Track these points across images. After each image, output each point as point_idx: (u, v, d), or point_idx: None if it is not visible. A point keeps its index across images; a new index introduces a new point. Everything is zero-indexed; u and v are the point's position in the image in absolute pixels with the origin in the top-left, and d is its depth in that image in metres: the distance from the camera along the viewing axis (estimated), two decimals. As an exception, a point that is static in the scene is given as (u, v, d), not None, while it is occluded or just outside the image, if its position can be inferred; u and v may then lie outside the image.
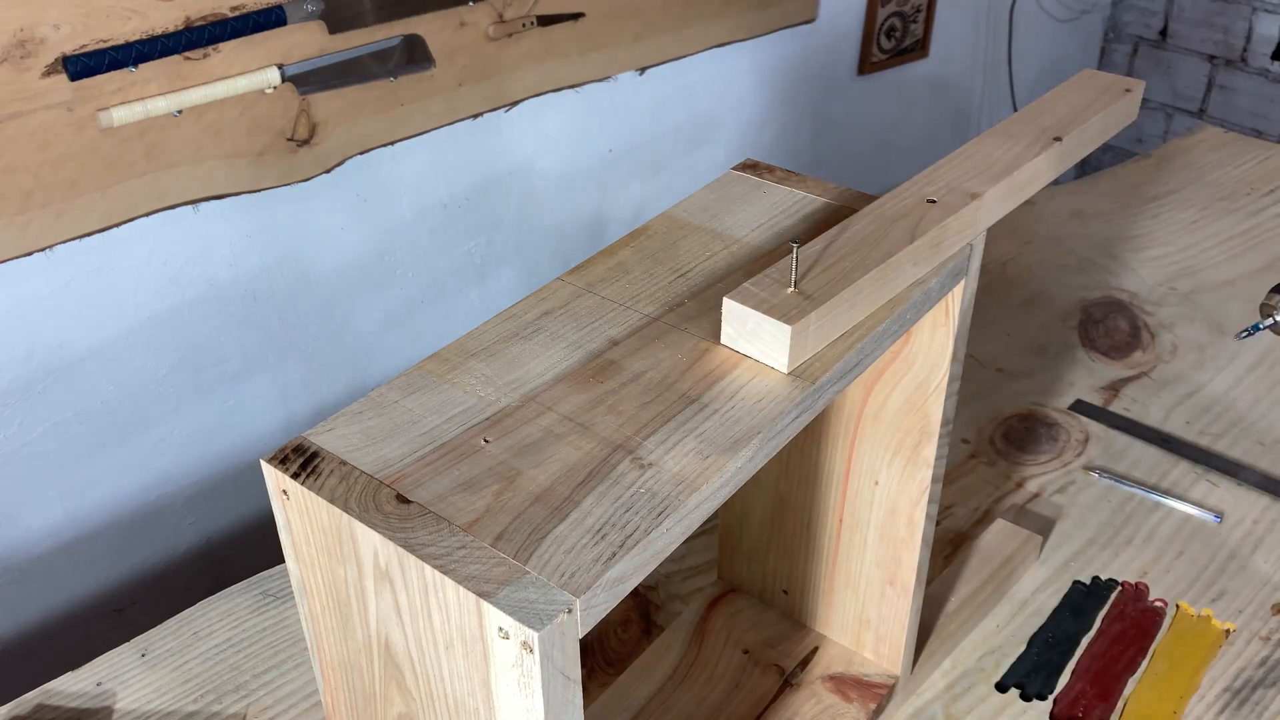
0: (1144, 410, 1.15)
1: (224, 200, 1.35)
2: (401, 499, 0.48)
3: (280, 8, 1.28)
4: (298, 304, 1.49)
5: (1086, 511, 1.03)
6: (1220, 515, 1.02)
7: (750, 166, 0.75)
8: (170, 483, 1.45)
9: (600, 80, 1.71)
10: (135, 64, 1.19)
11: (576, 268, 0.65)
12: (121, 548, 1.43)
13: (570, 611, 0.43)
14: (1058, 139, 0.71)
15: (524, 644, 0.42)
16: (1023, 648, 0.90)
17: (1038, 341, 1.26)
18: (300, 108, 1.35)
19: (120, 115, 1.19)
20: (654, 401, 0.54)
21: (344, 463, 0.50)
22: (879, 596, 0.80)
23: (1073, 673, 0.88)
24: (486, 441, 0.51)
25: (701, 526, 0.53)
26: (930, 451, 0.72)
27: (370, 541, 0.47)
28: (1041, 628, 0.92)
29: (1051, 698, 0.86)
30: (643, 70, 1.77)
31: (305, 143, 1.38)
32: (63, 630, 1.41)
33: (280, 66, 1.31)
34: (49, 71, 1.14)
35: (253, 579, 0.96)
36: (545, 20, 1.56)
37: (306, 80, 1.34)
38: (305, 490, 0.49)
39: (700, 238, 0.67)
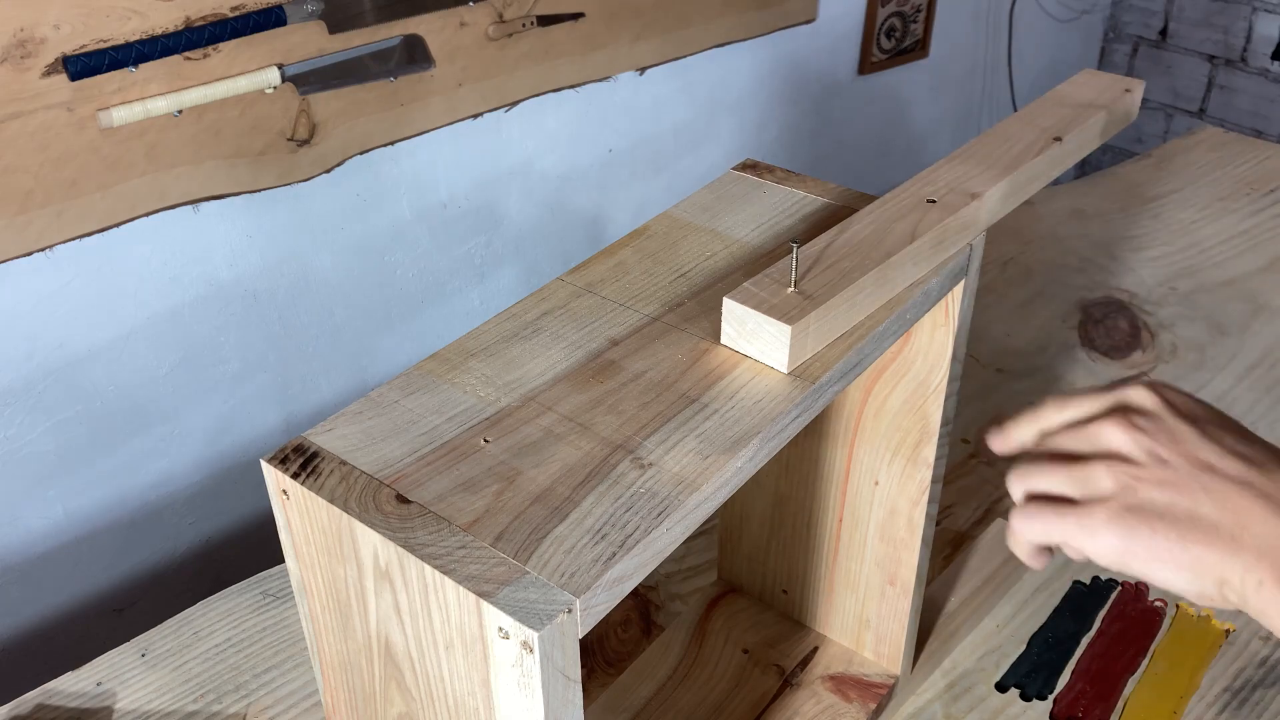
0: (1144, 410, 1.15)
1: (224, 200, 1.35)
2: (401, 499, 0.48)
3: (280, 8, 1.28)
4: (297, 304, 1.49)
5: (1086, 511, 1.03)
6: (1220, 515, 1.02)
7: (750, 166, 0.75)
8: (170, 483, 1.45)
9: (600, 80, 1.71)
10: (135, 64, 1.19)
11: (576, 268, 0.65)
12: (121, 548, 1.43)
13: (570, 611, 0.43)
14: (1058, 139, 0.71)
15: (524, 644, 0.42)
16: (1023, 648, 0.90)
17: (1038, 341, 1.26)
18: (300, 108, 1.35)
19: (120, 115, 1.19)
20: (654, 401, 0.54)
21: (344, 463, 0.50)
22: (879, 596, 0.80)
23: (1073, 673, 0.88)
24: (486, 441, 0.51)
25: (701, 526, 0.53)
26: (930, 451, 0.72)
27: (370, 541, 0.47)
28: (1041, 628, 0.92)
29: (1051, 698, 0.86)
30: (643, 70, 1.77)
31: (305, 143, 1.38)
32: (63, 630, 1.41)
33: (280, 66, 1.31)
34: (49, 71, 1.14)
35: (253, 579, 0.96)
36: (545, 20, 1.56)
37: (306, 80, 1.34)
38: (305, 490, 0.49)
39: (700, 238, 0.67)
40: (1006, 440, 0.57)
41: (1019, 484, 0.51)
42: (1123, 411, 0.50)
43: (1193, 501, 0.46)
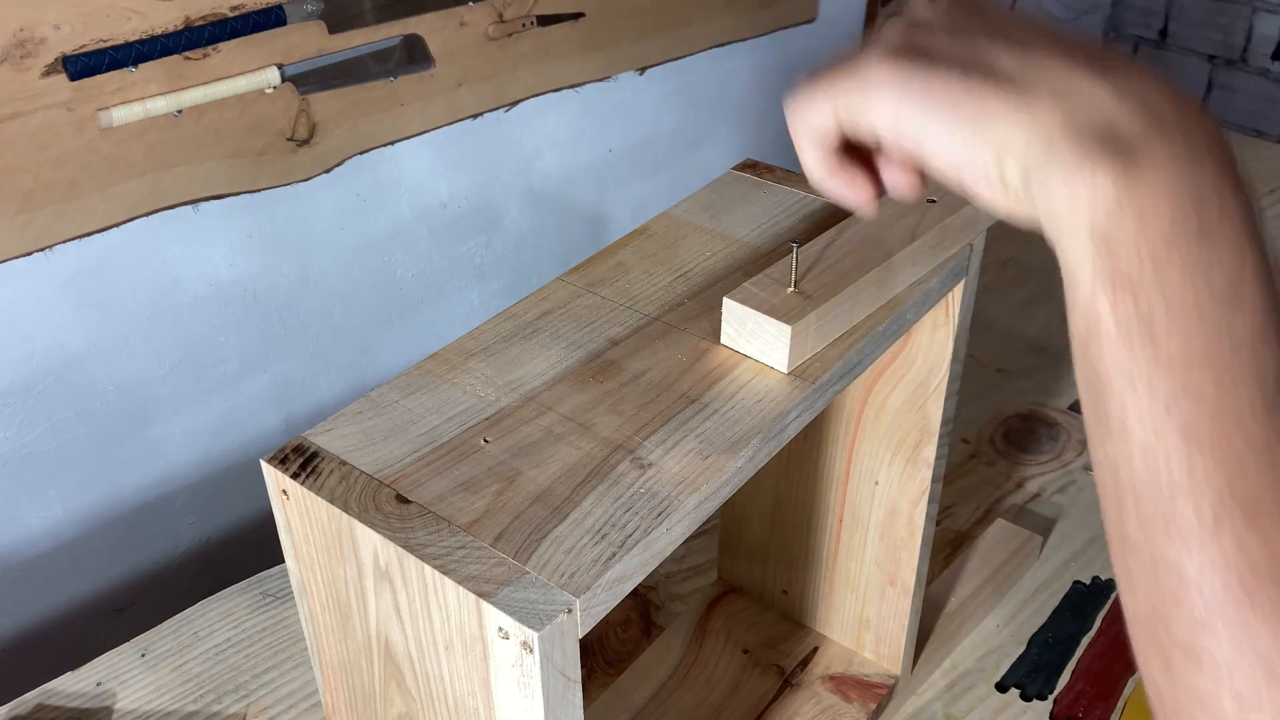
0: (1144, 410, 1.15)
1: (224, 200, 1.35)
2: (401, 499, 0.48)
3: (280, 8, 1.28)
4: (297, 304, 1.49)
5: (1086, 511, 1.03)
6: (1220, 515, 1.02)
7: (750, 166, 0.75)
8: (170, 483, 1.45)
9: (600, 80, 1.71)
10: (135, 64, 1.19)
11: (576, 268, 0.65)
12: (121, 548, 1.43)
13: (570, 611, 0.43)
14: (1058, 139, 0.71)
15: (524, 644, 0.42)
16: (1023, 648, 0.90)
17: (1038, 341, 1.26)
18: (300, 108, 1.35)
19: (120, 115, 1.19)
20: (654, 401, 0.54)
21: (344, 463, 0.50)
22: (879, 596, 0.80)
23: (1073, 673, 0.88)
24: (486, 441, 0.51)
25: (701, 526, 0.53)
26: (930, 451, 0.72)
27: (370, 541, 0.47)
28: (1041, 628, 0.92)
29: (1051, 698, 0.86)
30: (643, 70, 1.77)
31: (305, 143, 1.38)
32: (63, 630, 1.41)
33: (280, 66, 1.30)
34: (49, 71, 1.14)
35: (253, 579, 0.96)
36: (545, 20, 1.56)
37: (306, 80, 1.34)
38: (305, 490, 0.49)
39: (700, 238, 0.67)
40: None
41: (805, 79, 0.40)
42: None
43: (988, 52, 0.36)
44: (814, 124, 0.39)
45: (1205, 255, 0.33)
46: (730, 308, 0.56)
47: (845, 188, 0.42)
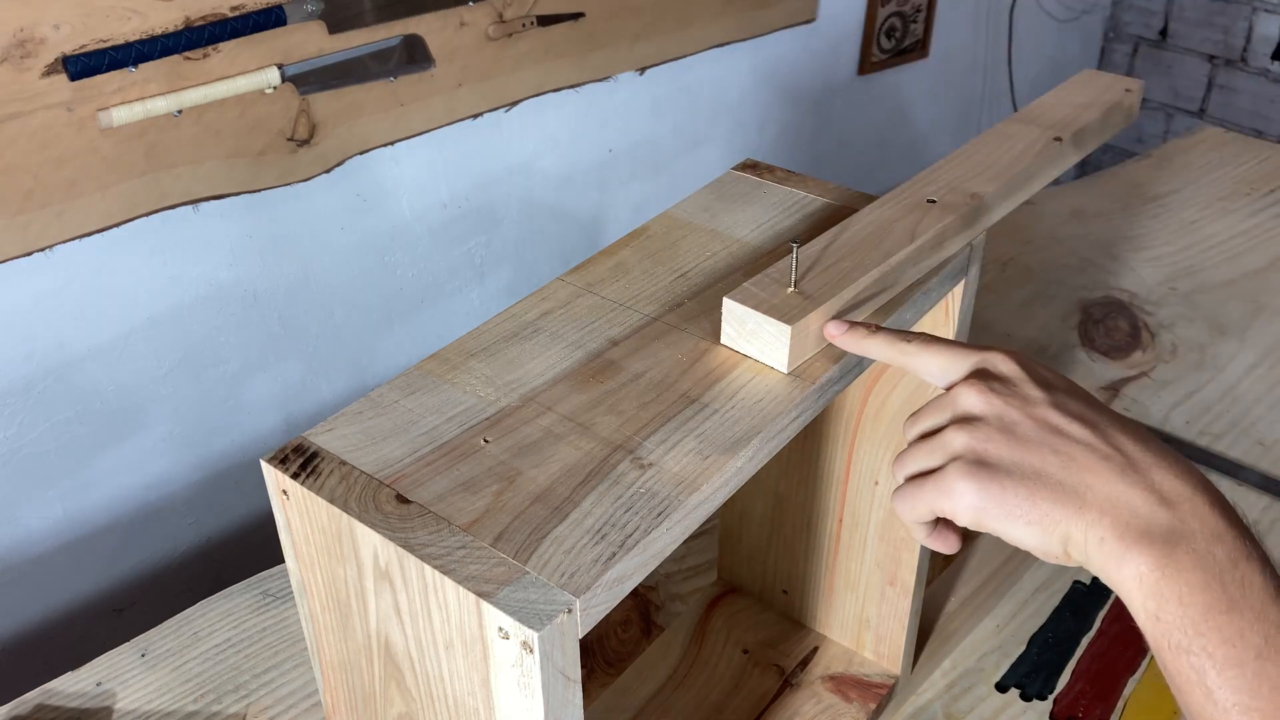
0: (1144, 410, 1.16)
1: (224, 200, 1.35)
2: (401, 499, 0.48)
3: (280, 8, 1.28)
4: (297, 304, 1.49)
5: (1086, 511, 1.03)
6: (1220, 515, 1.01)
7: (750, 166, 0.75)
8: (170, 483, 1.45)
9: (600, 80, 1.71)
10: (135, 64, 1.19)
11: (576, 268, 0.65)
12: (121, 548, 1.43)
13: (570, 611, 0.43)
14: (1058, 139, 0.71)
15: (524, 644, 0.42)
16: (1023, 648, 0.90)
17: (1038, 341, 1.26)
18: (300, 108, 1.35)
19: (120, 115, 1.19)
20: (654, 401, 0.54)
21: (344, 463, 0.50)
22: (879, 596, 0.80)
23: (1073, 673, 0.88)
24: (486, 441, 0.51)
25: (701, 526, 0.53)
26: (930, 451, 0.72)
27: (370, 541, 0.47)
28: (1041, 628, 0.92)
29: (1051, 698, 0.86)
30: (643, 70, 1.77)
31: (305, 143, 1.38)
32: (63, 630, 1.41)
33: (280, 66, 1.30)
34: (49, 71, 1.14)
35: (253, 579, 0.96)
36: (545, 20, 1.56)
37: (306, 80, 1.34)
38: (305, 490, 0.49)
39: (700, 238, 0.67)
40: (853, 341, 0.56)
41: (898, 471, 0.53)
42: (981, 376, 0.51)
43: (1040, 461, 0.48)
44: (915, 518, 0.52)
45: (1237, 624, 0.43)
46: (730, 308, 0.56)
47: (938, 540, 0.54)
